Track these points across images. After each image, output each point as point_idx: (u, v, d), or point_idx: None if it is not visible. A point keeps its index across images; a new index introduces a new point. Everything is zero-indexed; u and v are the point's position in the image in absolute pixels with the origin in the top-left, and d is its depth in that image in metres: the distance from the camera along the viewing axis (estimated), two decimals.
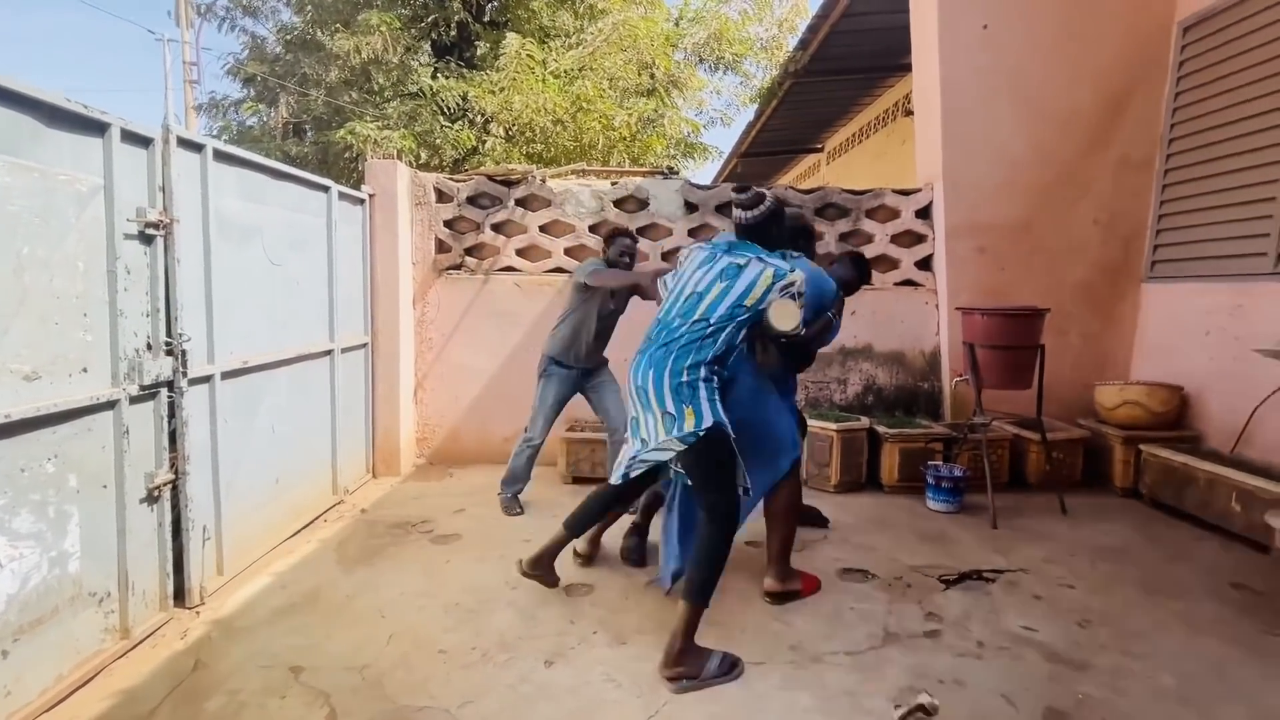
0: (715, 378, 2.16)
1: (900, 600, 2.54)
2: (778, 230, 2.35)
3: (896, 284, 4.39)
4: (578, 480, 4.07)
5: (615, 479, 2.38)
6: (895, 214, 4.37)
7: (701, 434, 2.05)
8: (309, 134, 7.23)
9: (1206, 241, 3.79)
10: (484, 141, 6.93)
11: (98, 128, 2.13)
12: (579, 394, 3.59)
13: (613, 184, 4.51)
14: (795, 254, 2.52)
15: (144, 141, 2.31)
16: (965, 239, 4.22)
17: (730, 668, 2.05)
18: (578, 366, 3.48)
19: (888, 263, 4.40)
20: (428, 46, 8.10)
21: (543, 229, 4.46)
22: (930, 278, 4.38)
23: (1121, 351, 4.28)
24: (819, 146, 11.99)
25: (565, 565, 2.89)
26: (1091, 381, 4.11)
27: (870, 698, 1.93)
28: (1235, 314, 3.52)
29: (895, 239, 4.39)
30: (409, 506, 3.67)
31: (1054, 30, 4.06)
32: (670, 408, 2.09)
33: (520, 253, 4.48)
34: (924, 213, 4.35)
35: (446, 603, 2.55)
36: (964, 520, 3.42)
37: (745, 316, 2.15)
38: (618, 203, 4.44)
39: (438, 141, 6.73)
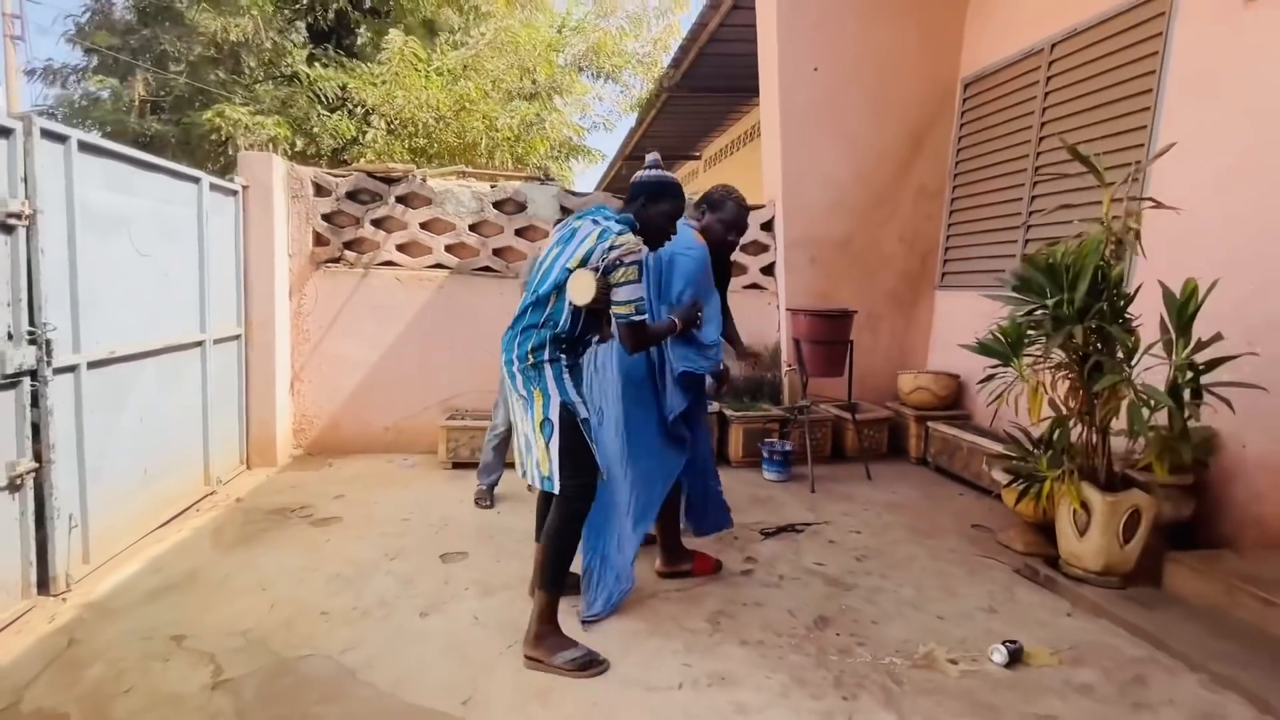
0: (564, 357, 2.09)
1: (727, 549, 3.09)
2: (646, 204, 2.16)
3: (745, 287, 5.04)
4: (457, 465, 4.32)
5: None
6: None
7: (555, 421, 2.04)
8: (167, 112, 6.76)
9: (976, 259, 4.74)
10: (364, 132, 6.87)
11: None
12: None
13: (492, 186, 4.78)
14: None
15: (4, 132, 2.34)
16: (800, 250, 4.93)
17: (585, 666, 2.04)
18: None
19: (738, 268, 5.03)
20: (303, 26, 7.82)
21: (423, 226, 4.65)
22: (773, 282, 5.07)
23: (920, 346, 5.20)
24: (697, 154, 12.79)
25: (443, 537, 3.19)
26: (897, 370, 4.98)
27: (691, 618, 2.44)
28: (992, 318, 4.44)
29: (744, 248, 5.02)
30: (286, 494, 3.77)
31: (870, 77, 4.86)
32: (522, 390, 2.10)
33: (401, 248, 4.63)
34: (768, 226, 5.03)
35: (328, 575, 2.77)
36: (790, 487, 4.08)
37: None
38: (497, 204, 4.72)
39: (315, 130, 6.59)
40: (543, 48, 7.33)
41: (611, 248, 2.00)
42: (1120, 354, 2.46)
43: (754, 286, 5.06)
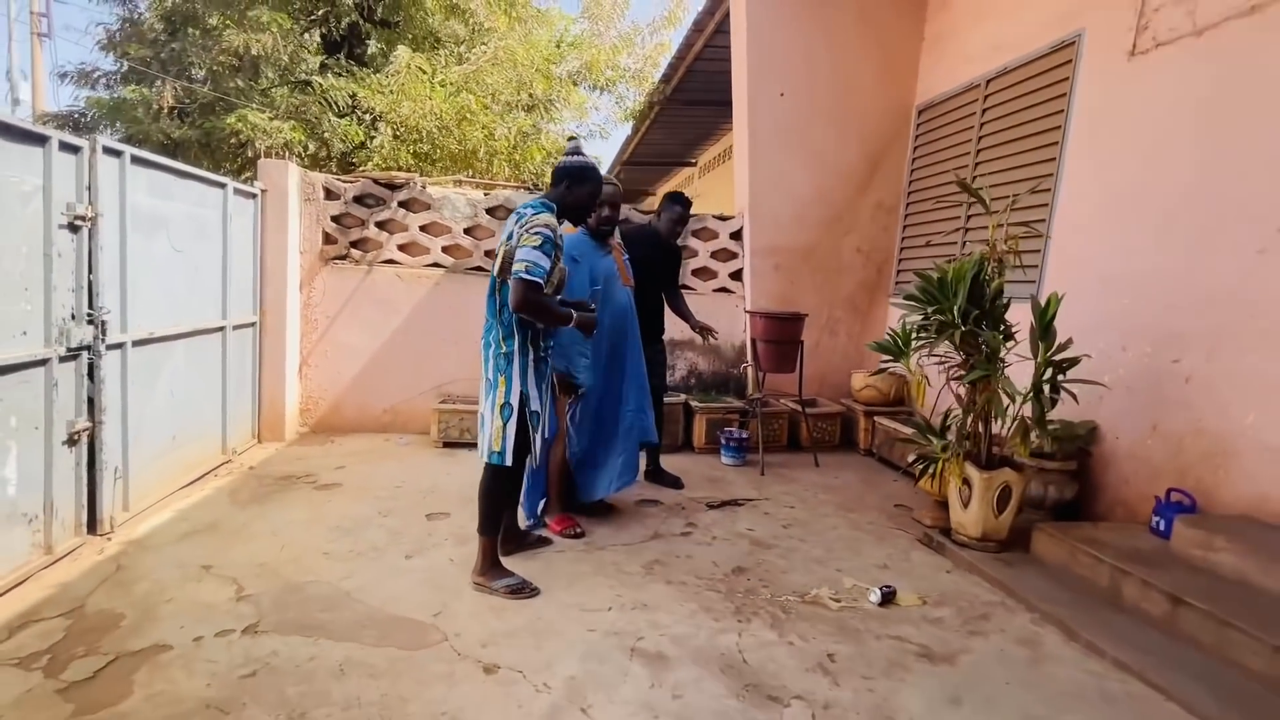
0: (531, 350, 2.49)
1: (673, 516, 3.58)
2: (570, 187, 2.51)
3: (715, 290, 5.52)
4: (447, 445, 4.81)
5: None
6: (715, 235, 5.49)
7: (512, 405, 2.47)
8: (193, 117, 7.28)
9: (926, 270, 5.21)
10: (372, 138, 7.38)
11: (40, 140, 2.65)
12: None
13: (485, 194, 5.28)
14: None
15: (75, 149, 2.84)
16: (765, 258, 5.41)
17: (516, 590, 2.53)
18: None
19: (708, 273, 5.52)
20: (317, 35, 8.33)
21: (422, 228, 5.14)
22: (740, 286, 5.55)
23: None
24: (693, 161, 13.29)
25: (430, 501, 3.69)
26: (852, 370, 5.45)
27: (630, 565, 2.92)
28: None
29: (714, 255, 5.51)
30: (293, 464, 4.27)
31: (832, 103, 5.33)
32: (490, 374, 2.53)
33: (402, 248, 5.13)
34: (736, 235, 5.51)
35: (329, 527, 3.26)
36: (743, 470, 4.56)
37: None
38: (490, 210, 5.22)
39: (326, 134, 7.10)
40: (540, 62, 7.83)
41: (526, 223, 2.40)
42: (999, 354, 2.94)
43: (723, 290, 5.54)
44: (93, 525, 3.04)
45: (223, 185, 4.10)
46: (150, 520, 3.24)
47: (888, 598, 2.62)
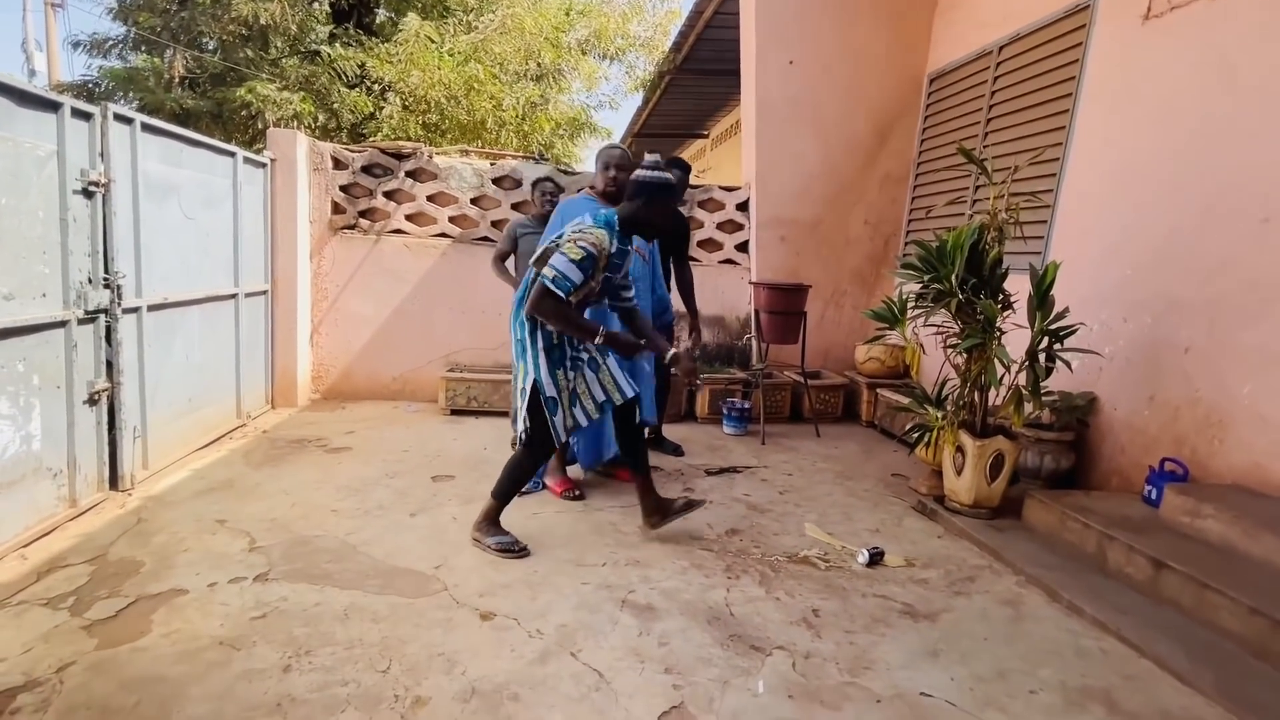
0: (543, 339, 2.53)
1: (671, 482, 3.65)
2: (648, 204, 2.48)
3: (720, 262, 5.52)
4: (455, 412, 4.91)
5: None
6: (721, 206, 5.47)
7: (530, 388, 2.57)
8: (204, 88, 7.33)
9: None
10: (381, 108, 7.39)
11: (53, 106, 2.72)
12: None
13: (492, 164, 5.30)
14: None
15: (87, 116, 2.90)
16: (771, 230, 5.40)
17: (506, 549, 2.60)
18: None
19: (714, 245, 5.52)
20: (326, 4, 8.31)
21: (430, 199, 5.19)
22: (746, 258, 5.54)
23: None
24: (705, 133, 13.13)
25: (436, 464, 3.79)
26: (857, 343, 5.45)
27: (625, 525, 3.01)
28: None
29: (720, 226, 5.50)
30: (305, 429, 4.40)
31: (842, 72, 5.25)
32: (514, 359, 2.68)
33: (409, 218, 5.18)
34: (743, 206, 5.49)
35: (338, 486, 3.37)
36: (744, 440, 4.62)
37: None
38: (496, 180, 5.24)
39: (336, 105, 7.12)
40: (549, 30, 7.75)
41: (580, 233, 2.42)
42: (995, 322, 2.94)
43: (729, 262, 5.54)
44: (114, 481, 3.18)
45: (232, 154, 4.16)
46: (169, 478, 3.37)
47: (875, 559, 2.69)
